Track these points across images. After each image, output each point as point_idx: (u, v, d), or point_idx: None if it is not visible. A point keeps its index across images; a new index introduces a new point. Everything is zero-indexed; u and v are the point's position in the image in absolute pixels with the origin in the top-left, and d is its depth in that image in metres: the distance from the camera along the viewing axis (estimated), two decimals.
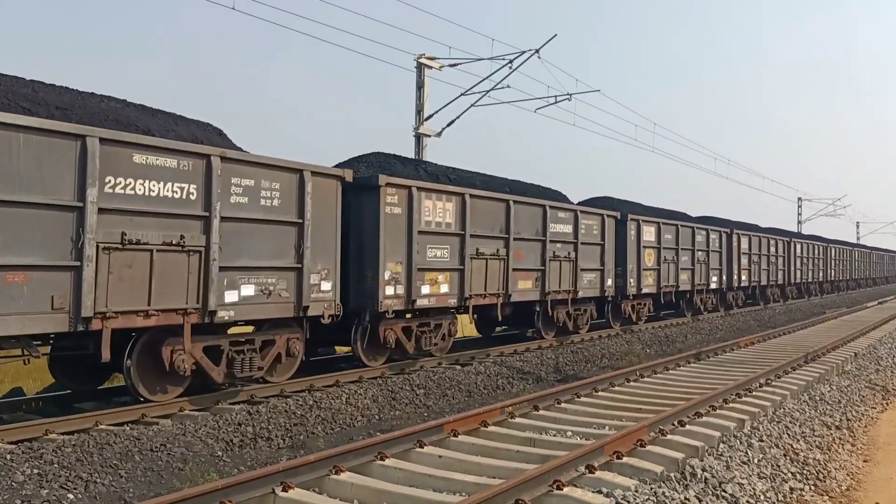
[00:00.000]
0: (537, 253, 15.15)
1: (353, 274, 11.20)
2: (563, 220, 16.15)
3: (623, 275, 18.86)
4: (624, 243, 18.84)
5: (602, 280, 17.54)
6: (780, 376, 11.25)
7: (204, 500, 5.04)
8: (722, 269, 25.48)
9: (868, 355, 14.94)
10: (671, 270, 21.51)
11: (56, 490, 6.20)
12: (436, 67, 19.53)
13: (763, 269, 29.88)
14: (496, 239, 13.80)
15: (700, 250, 23.50)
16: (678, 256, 21.89)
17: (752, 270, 28.42)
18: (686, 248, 22.47)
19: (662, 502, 5.32)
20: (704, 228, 24.05)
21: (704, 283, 23.82)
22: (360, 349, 11.55)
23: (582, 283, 16.82)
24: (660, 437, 7.11)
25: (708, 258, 24.15)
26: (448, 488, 5.81)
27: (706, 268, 24.02)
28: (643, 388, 10.34)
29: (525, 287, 14.77)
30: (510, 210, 14.15)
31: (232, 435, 8.01)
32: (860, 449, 8.27)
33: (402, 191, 11.65)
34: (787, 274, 33.48)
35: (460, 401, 10.80)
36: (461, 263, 12.79)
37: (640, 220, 19.58)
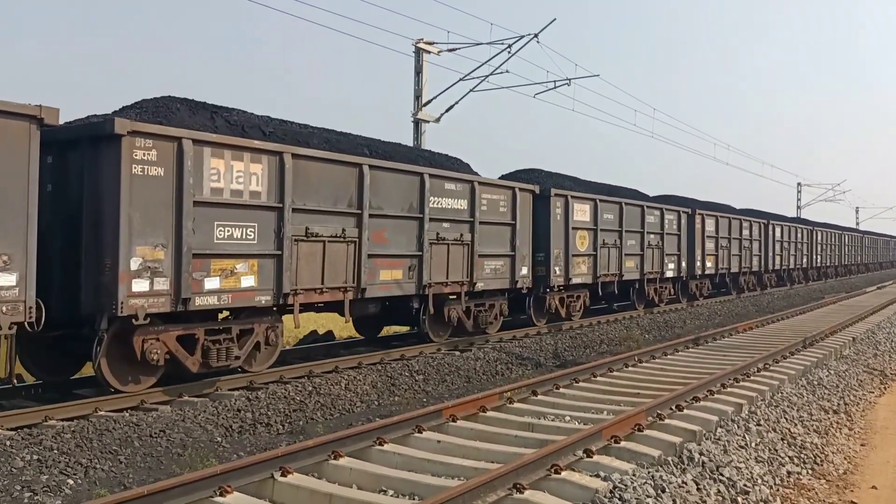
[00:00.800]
0: (412, 234, 12.03)
1: (86, 262, 8.27)
2: (454, 193, 12.97)
3: (546, 262, 15.68)
4: (547, 224, 15.71)
5: (513, 268, 14.36)
6: (778, 361, 11.28)
7: (203, 485, 5.05)
8: (681, 255, 22.47)
9: (866, 340, 14.98)
10: (612, 256, 18.25)
11: (56, 476, 6.22)
12: (434, 52, 19.44)
13: (734, 254, 26.97)
14: (342, 215, 10.65)
15: (652, 233, 20.31)
16: (622, 240, 18.62)
17: (719, 256, 25.52)
18: (633, 231, 19.33)
19: (660, 486, 5.34)
20: (657, 208, 20.94)
21: (658, 270, 20.79)
22: (102, 369, 8.32)
23: (483, 272, 13.70)
24: (658, 422, 7.13)
25: (662, 242, 20.95)
26: (447, 473, 5.84)
27: (660, 253, 20.85)
28: (641, 373, 10.36)
29: (390, 278, 11.66)
30: (363, 178, 10.91)
31: (231, 421, 8.03)
32: (858, 433, 8.30)
33: (166, 144, 8.41)
34: (763, 260, 30.43)
35: (459, 386, 10.83)
36: (278, 248, 9.63)
37: (568, 196, 16.15)
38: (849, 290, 32.94)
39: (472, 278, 13.37)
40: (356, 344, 13.84)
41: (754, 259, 29.44)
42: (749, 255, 28.66)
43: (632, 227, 19.25)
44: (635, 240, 19.57)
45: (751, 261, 28.99)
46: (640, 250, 19.76)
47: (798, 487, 6.15)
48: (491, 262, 13.96)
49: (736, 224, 27.27)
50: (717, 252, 25.31)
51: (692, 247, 23.54)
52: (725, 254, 26.23)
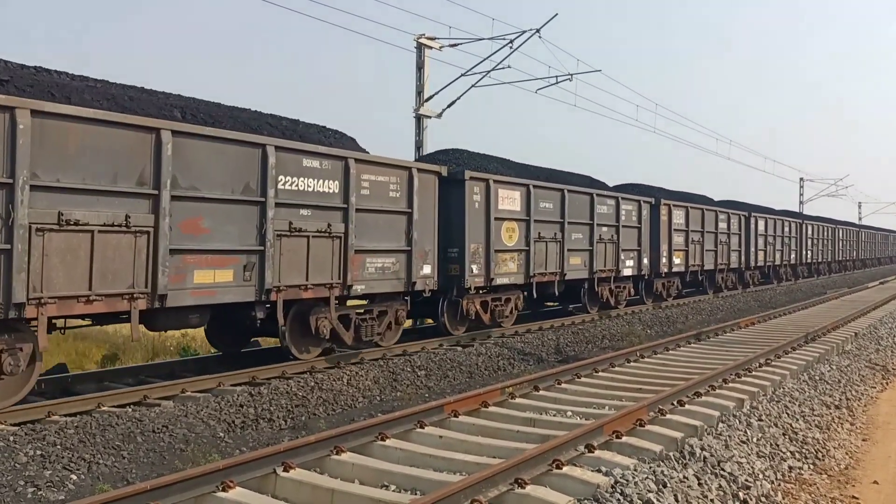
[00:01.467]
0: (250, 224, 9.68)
1: None
2: (318, 172, 10.65)
3: (460, 259, 14.37)
4: (462, 213, 14.38)
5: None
6: (779, 356, 11.27)
7: (205, 481, 5.07)
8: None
9: (868, 335, 14.96)
10: (551, 252, 16.94)
11: (59, 471, 6.25)
12: (436, 48, 19.40)
13: (777, 249, 31.66)
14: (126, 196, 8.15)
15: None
16: (564, 233, 17.31)
17: (767, 251, 30.24)
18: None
19: (661, 481, 5.35)
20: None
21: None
22: None
23: (364, 271, 12.17)
24: (659, 417, 7.14)
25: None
26: (448, 468, 5.85)
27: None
28: (643, 369, 10.36)
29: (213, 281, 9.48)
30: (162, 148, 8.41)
31: (234, 416, 8.05)
32: (859, 428, 8.31)
33: None
34: (798, 254, 35.24)
35: (461, 381, 10.85)
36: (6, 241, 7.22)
37: (490, 181, 14.66)
38: (851, 286, 32.93)
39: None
40: None
41: (733, 255, 27.70)
42: (727, 251, 27.09)
43: (578, 218, 16.88)
44: (582, 233, 17.08)
45: (729, 257, 27.33)
46: (589, 245, 17.40)
47: (799, 482, 6.15)
48: (376, 260, 11.40)
49: (711, 216, 25.26)
50: (687, 247, 23.34)
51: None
52: (698, 249, 24.20)
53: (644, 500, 5.00)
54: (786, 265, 33.58)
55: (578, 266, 16.80)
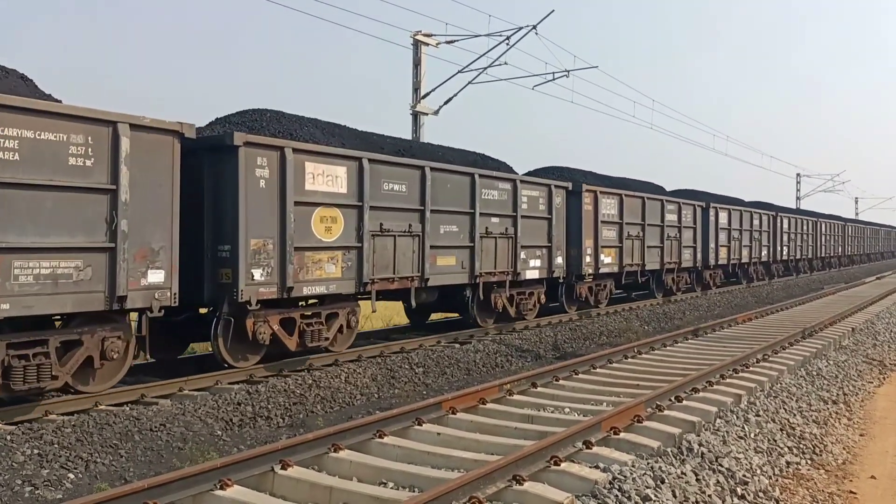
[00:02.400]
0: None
1: None
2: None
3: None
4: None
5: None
6: (777, 352, 11.29)
7: (203, 479, 5.06)
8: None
9: (865, 330, 14.99)
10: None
11: (57, 470, 6.24)
12: (432, 44, 19.40)
13: (745, 245, 27.62)
14: None
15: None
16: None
17: (731, 247, 26.31)
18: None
19: (659, 477, 5.36)
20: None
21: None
22: None
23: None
24: (657, 413, 7.14)
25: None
26: (447, 465, 5.85)
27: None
28: (641, 365, 10.37)
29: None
30: None
31: (231, 414, 8.04)
32: (857, 423, 8.32)
33: None
34: (772, 251, 31.20)
35: (459, 379, 10.85)
36: None
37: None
38: (848, 281, 32.98)
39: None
40: None
41: (763, 250, 29.23)
42: (759, 246, 28.94)
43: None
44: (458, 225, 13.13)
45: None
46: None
47: (797, 478, 6.17)
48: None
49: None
50: (729, 243, 24.60)
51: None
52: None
53: (642, 496, 5.01)
54: (756, 263, 29.28)
55: (451, 268, 12.75)
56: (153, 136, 8.31)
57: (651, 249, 20.20)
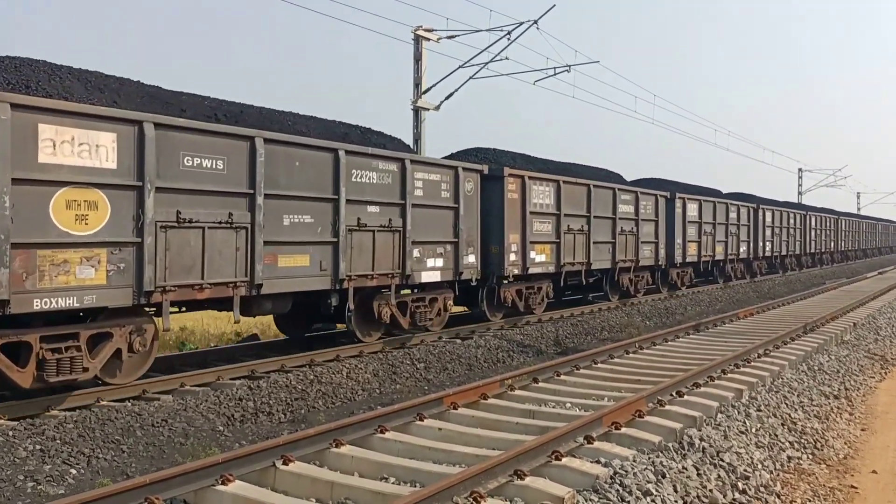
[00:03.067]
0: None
1: None
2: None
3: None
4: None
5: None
6: (778, 347, 11.29)
7: (205, 474, 5.07)
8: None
9: (867, 325, 14.99)
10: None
11: (59, 465, 6.25)
12: (433, 40, 19.35)
13: (783, 240, 32.17)
14: None
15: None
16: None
17: (774, 242, 30.85)
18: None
19: (660, 471, 5.36)
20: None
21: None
22: None
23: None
24: (658, 408, 7.14)
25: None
26: (448, 460, 5.85)
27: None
28: (642, 360, 10.37)
29: None
30: None
31: (233, 410, 8.06)
32: (858, 418, 8.32)
33: None
34: (803, 245, 35.73)
35: (460, 374, 10.86)
36: None
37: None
38: (850, 276, 32.97)
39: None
40: None
41: (797, 244, 33.07)
42: (793, 241, 31.89)
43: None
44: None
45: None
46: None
47: (798, 472, 6.17)
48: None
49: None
50: (772, 238, 29.48)
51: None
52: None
53: (643, 491, 5.01)
54: (734, 260, 27.12)
55: (303, 270, 9.95)
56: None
57: (599, 245, 17.40)
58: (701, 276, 25.35)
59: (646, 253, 19.81)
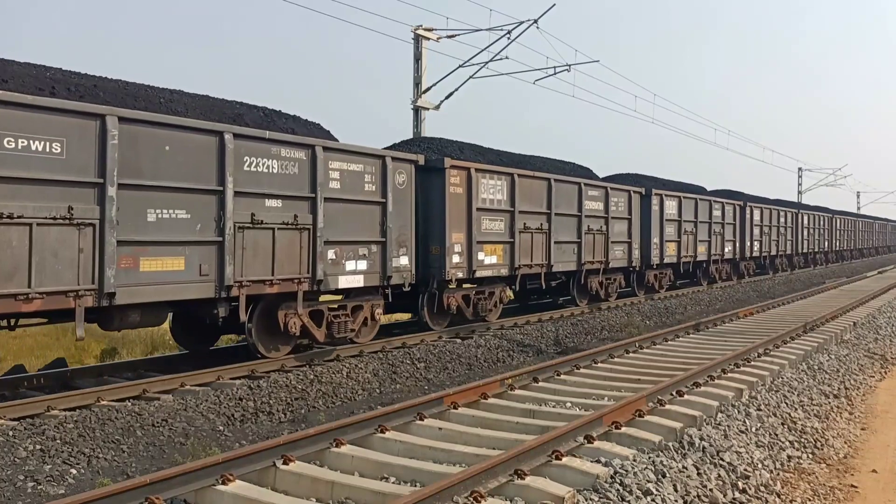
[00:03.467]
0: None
1: None
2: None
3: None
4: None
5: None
6: (778, 346, 11.29)
7: (205, 474, 5.07)
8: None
9: (867, 324, 14.99)
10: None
11: (59, 465, 6.25)
12: (433, 39, 19.35)
13: (773, 239, 30.67)
14: None
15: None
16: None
17: (763, 241, 29.38)
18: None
19: (661, 471, 5.36)
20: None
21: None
22: None
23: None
24: (658, 408, 7.14)
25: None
26: (448, 460, 5.86)
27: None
28: (642, 360, 10.37)
29: None
30: None
31: (233, 410, 8.06)
32: (858, 417, 8.32)
33: None
34: (795, 244, 34.25)
35: (460, 374, 10.86)
36: None
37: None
38: (850, 275, 32.98)
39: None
40: None
41: (787, 244, 31.68)
42: (784, 241, 30.59)
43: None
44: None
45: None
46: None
47: (798, 472, 6.17)
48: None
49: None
50: (761, 238, 28.02)
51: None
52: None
53: (643, 490, 5.02)
54: (719, 260, 25.44)
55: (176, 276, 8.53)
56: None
57: (563, 246, 15.90)
58: (683, 277, 23.62)
59: (617, 253, 18.22)
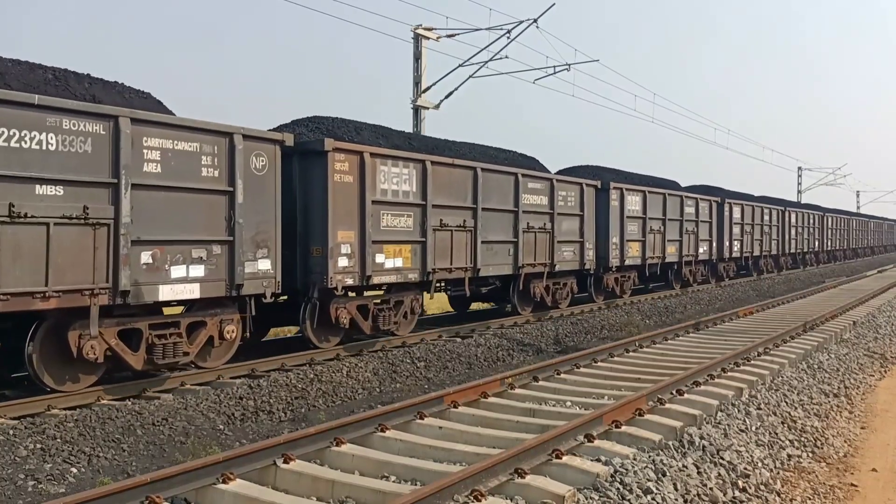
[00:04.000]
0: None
1: None
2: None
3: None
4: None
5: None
6: (778, 345, 11.30)
7: (206, 473, 5.07)
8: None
9: (867, 323, 14.99)
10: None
11: (59, 464, 6.26)
12: (433, 38, 19.36)
13: (756, 239, 28.37)
14: None
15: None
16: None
17: (744, 241, 27.08)
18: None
19: (661, 470, 5.36)
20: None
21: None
22: None
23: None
24: (658, 406, 7.15)
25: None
26: (448, 459, 5.86)
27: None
28: (642, 359, 10.38)
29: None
30: None
31: (233, 409, 8.06)
32: (858, 416, 8.33)
33: None
34: (781, 244, 32.08)
35: (461, 373, 10.86)
36: None
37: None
38: (849, 275, 32.98)
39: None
40: None
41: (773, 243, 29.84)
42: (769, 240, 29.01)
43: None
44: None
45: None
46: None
47: (798, 470, 6.18)
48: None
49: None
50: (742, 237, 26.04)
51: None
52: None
53: (643, 489, 5.02)
54: (692, 262, 23.23)
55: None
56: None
57: (493, 246, 13.79)
58: (654, 280, 21.93)
59: (566, 255, 16.13)
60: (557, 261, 15.65)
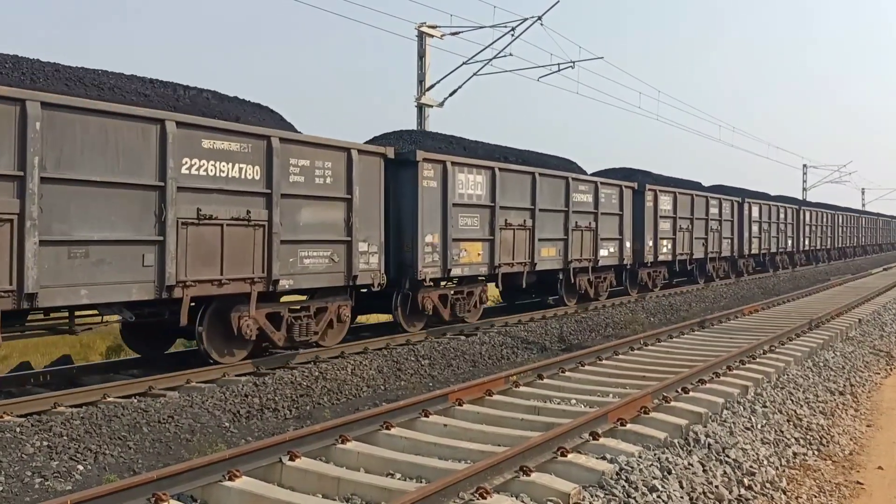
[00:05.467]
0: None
1: None
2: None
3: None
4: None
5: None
6: (783, 343, 11.27)
7: (212, 470, 5.08)
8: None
9: (872, 321, 14.96)
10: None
11: (66, 462, 6.28)
12: (437, 36, 19.34)
13: (773, 236, 29.80)
14: None
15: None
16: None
17: (762, 238, 28.40)
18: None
19: (666, 468, 5.36)
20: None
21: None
22: None
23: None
24: (663, 404, 7.14)
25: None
26: (453, 456, 5.86)
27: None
28: (647, 357, 10.37)
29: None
30: None
31: (239, 406, 8.08)
32: (863, 414, 8.31)
33: None
34: (795, 241, 33.50)
35: (465, 371, 10.86)
36: None
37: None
38: (855, 272, 32.91)
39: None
40: None
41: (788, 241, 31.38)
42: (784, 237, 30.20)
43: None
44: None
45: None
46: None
47: (804, 468, 6.17)
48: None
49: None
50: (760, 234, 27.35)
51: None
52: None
53: (649, 487, 5.02)
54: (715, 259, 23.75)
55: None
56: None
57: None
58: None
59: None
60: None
